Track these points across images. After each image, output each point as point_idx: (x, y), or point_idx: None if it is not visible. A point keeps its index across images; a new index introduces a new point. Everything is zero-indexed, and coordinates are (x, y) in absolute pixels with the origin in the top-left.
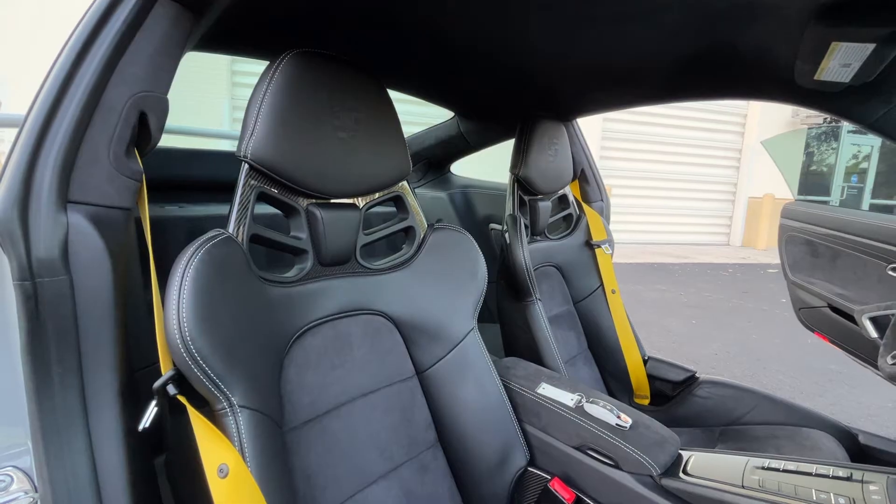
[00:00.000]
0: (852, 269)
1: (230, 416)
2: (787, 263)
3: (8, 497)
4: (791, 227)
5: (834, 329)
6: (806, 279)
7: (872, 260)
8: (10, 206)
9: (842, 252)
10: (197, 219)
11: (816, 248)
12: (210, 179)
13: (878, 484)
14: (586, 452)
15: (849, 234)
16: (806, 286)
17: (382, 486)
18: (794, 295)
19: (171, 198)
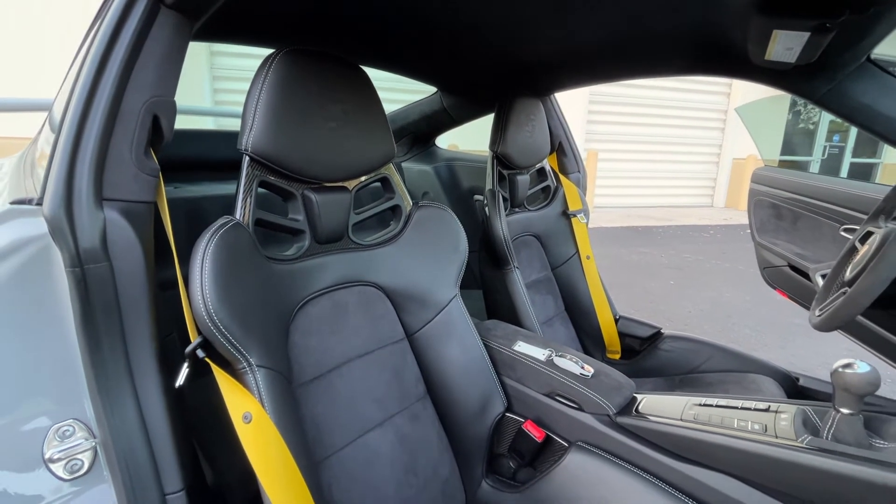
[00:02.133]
0: (810, 230)
1: (249, 374)
2: (755, 226)
3: (73, 443)
4: (759, 192)
5: (792, 286)
6: (770, 241)
7: (827, 222)
8: (57, 206)
9: (802, 214)
10: (194, 199)
11: (780, 211)
12: (201, 159)
13: (788, 413)
14: (555, 398)
15: (808, 198)
16: (770, 247)
17: (379, 431)
18: (760, 255)
19: (164, 179)
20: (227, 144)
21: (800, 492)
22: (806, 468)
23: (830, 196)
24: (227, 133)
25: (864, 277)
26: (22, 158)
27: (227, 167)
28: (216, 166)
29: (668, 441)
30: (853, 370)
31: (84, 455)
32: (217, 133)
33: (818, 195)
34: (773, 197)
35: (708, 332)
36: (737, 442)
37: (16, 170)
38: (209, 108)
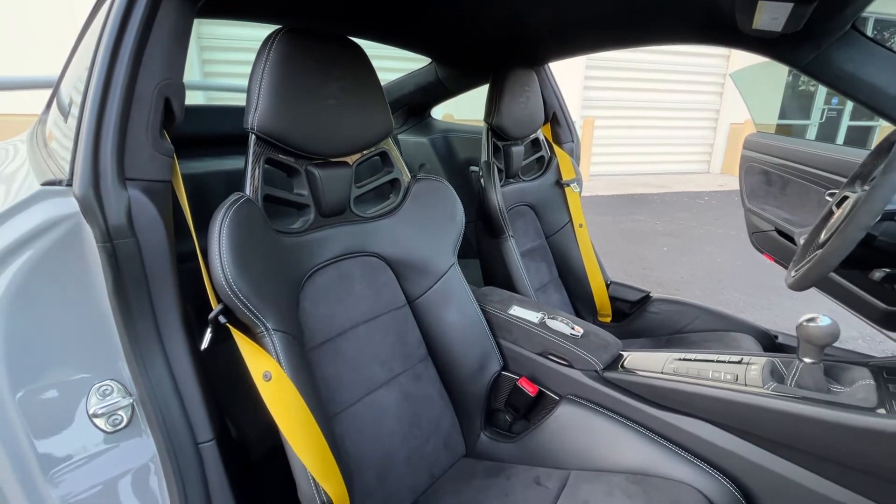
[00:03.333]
0: (798, 195)
1: (267, 337)
2: (745, 192)
3: (112, 400)
4: (750, 158)
5: (778, 250)
6: (760, 206)
7: (814, 187)
8: (86, 187)
9: (791, 180)
10: (197, 176)
11: (770, 177)
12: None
13: (757, 364)
14: (547, 357)
15: (797, 163)
16: (759, 212)
17: (385, 390)
18: (749, 221)
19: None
20: (224, 119)
21: (764, 432)
22: (770, 411)
23: (818, 162)
24: (224, 108)
25: (833, 240)
26: (32, 140)
27: (226, 142)
28: (214, 142)
29: (649, 392)
30: (816, 324)
31: (123, 411)
32: (214, 108)
33: (807, 161)
34: (763, 163)
35: (698, 296)
36: (710, 390)
37: (31, 152)
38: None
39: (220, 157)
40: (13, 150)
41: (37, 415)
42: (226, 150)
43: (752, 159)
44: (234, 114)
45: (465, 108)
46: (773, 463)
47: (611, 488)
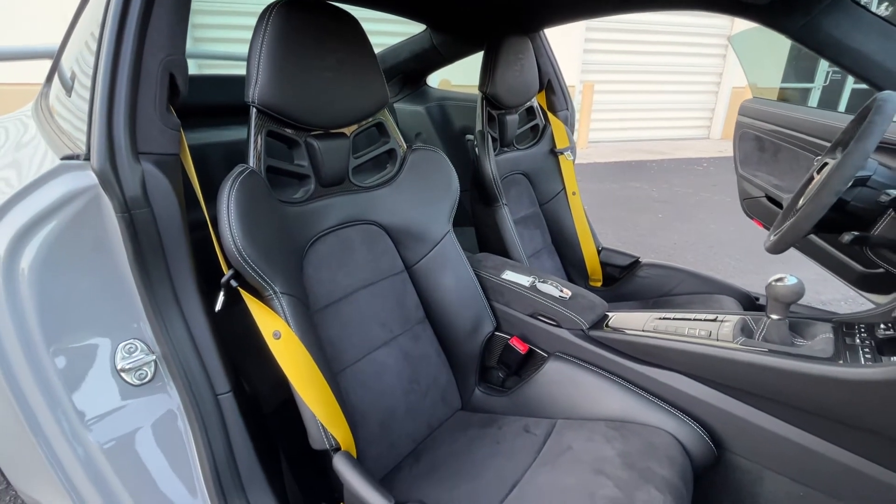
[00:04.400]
0: (788, 161)
1: (275, 300)
2: (739, 159)
3: (137, 357)
4: (744, 124)
5: (767, 216)
6: (752, 172)
7: (804, 153)
8: (103, 161)
9: (782, 146)
10: (198, 147)
11: (763, 144)
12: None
13: (730, 322)
14: (537, 318)
15: (790, 130)
16: (750, 179)
17: (386, 349)
18: (741, 187)
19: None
20: (220, 90)
21: (732, 381)
22: (737, 363)
23: (809, 128)
24: (219, 78)
25: (807, 205)
26: (39, 114)
27: (222, 112)
28: (210, 112)
29: (630, 348)
30: (783, 283)
31: (147, 367)
32: (208, 78)
33: (798, 127)
34: (757, 129)
35: (689, 261)
36: (685, 345)
37: (41, 127)
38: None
39: (217, 127)
40: (22, 125)
41: (70, 370)
42: (223, 121)
43: (747, 125)
44: (229, 83)
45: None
46: (738, 409)
47: (592, 434)
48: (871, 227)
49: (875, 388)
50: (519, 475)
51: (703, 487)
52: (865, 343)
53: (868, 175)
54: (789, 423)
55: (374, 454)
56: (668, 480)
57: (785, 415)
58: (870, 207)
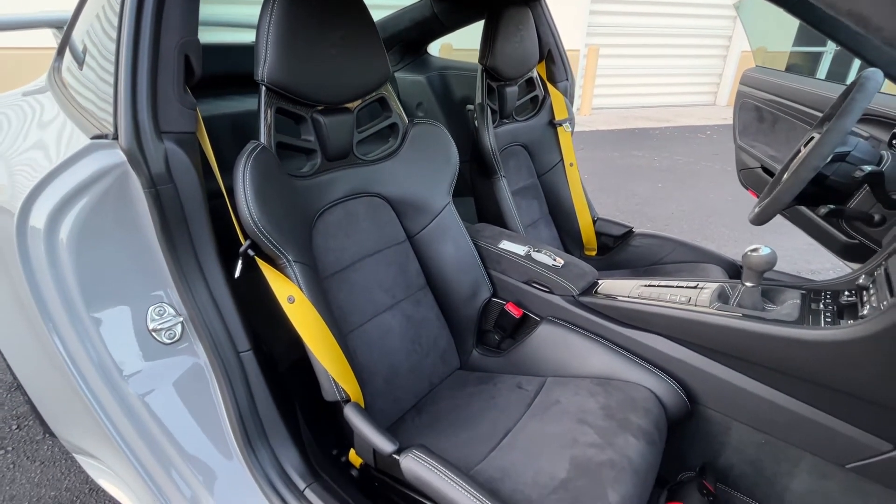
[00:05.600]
0: (785, 132)
1: (289, 268)
2: (738, 129)
3: (167, 318)
4: (745, 94)
5: (762, 187)
6: (750, 143)
7: (801, 124)
8: (131, 141)
9: (780, 117)
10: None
11: (762, 114)
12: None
13: (709, 289)
14: (531, 285)
15: (787, 100)
16: (748, 149)
17: (390, 313)
18: (738, 157)
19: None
20: (222, 59)
21: (707, 342)
22: (712, 325)
23: (807, 99)
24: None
25: (787, 179)
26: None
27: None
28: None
29: (617, 313)
30: (757, 253)
31: (175, 327)
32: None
33: (798, 98)
34: (757, 99)
35: (685, 230)
36: (666, 310)
37: (62, 105)
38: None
39: (220, 98)
40: (37, 103)
41: (108, 330)
42: (226, 92)
43: (747, 95)
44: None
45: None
46: (711, 367)
47: (578, 389)
48: (847, 201)
49: (829, 347)
50: (511, 425)
51: (679, 436)
52: (828, 308)
53: (847, 151)
54: (755, 378)
55: (379, 407)
56: (644, 429)
57: (752, 372)
58: (847, 182)
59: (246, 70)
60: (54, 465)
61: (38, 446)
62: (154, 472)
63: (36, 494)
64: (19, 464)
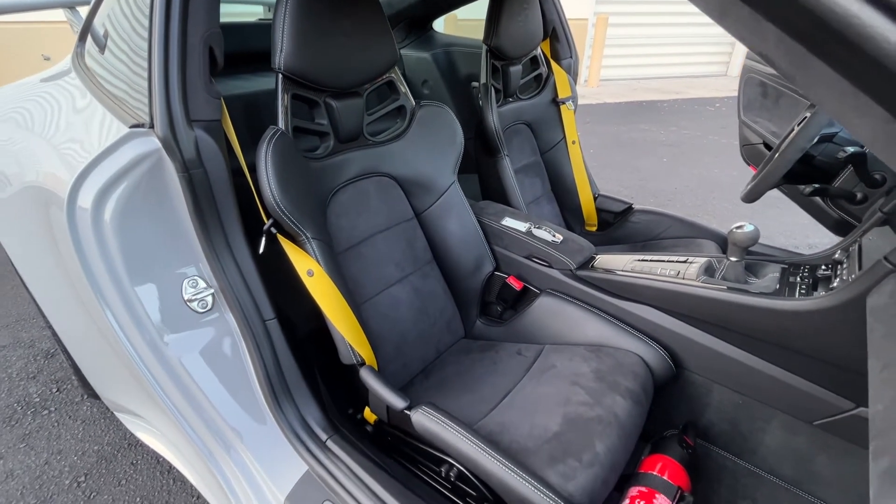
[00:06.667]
0: (788, 109)
1: (308, 244)
2: (742, 104)
3: (199, 290)
4: (751, 69)
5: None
6: (753, 119)
7: (804, 101)
8: (165, 129)
9: (784, 93)
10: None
11: (767, 90)
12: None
13: (697, 263)
14: (532, 259)
15: None
16: (751, 125)
17: (399, 286)
18: (742, 133)
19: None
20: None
21: (693, 312)
22: (697, 297)
23: None
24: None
25: (776, 159)
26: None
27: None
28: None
29: (611, 285)
30: (741, 230)
31: (207, 298)
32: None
33: None
34: (762, 74)
35: (688, 206)
36: (656, 283)
37: (92, 92)
38: None
39: (229, 77)
40: (66, 91)
41: (148, 299)
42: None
43: (753, 70)
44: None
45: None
46: (695, 335)
47: (573, 355)
48: (833, 180)
49: (801, 316)
50: (511, 387)
51: (665, 397)
52: (804, 281)
53: (835, 132)
54: (735, 345)
55: (390, 371)
56: (631, 390)
57: (732, 339)
58: (832, 162)
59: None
60: (94, 423)
61: (77, 407)
62: (195, 425)
63: (80, 448)
64: (62, 422)
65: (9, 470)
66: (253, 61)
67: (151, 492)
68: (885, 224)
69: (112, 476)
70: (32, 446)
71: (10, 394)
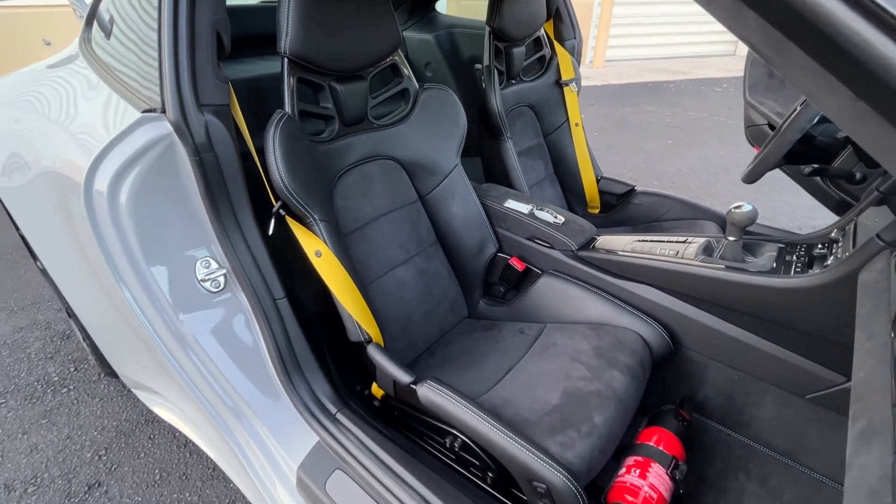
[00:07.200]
0: (794, 90)
1: (315, 225)
2: (748, 84)
3: (212, 270)
4: None
5: None
6: (759, 99)
7: None
8: (177, 114)
9: None
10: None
11: (772, 70)
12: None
13: (696, 243)
14: (534, 241)
15: None
16: (756, 106)
17: (404, 267)
18: (747, 114)
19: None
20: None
21: (690, 291)
22: (695, 276)
23: None
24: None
25: (776, 139)
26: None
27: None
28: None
29: (611, 265)
30: (739, 210)
31: (220, 278)
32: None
33: None
34: None
35: (692, 189)
36: (655, 262)
37: (101, 78)
38: None
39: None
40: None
41: (164, 279)
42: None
43: None
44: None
45: None
46: (693, 313)
47: (574, 333)
48: (833, 160)
49: (796, 293)
50: (513, 364)
51: (663, 374)
52: (800, 259)
53: None
54: (732, 322)
55: (396, 350)
56: (629, 366)
57: (729, 316)
58: (832, 142)
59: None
60: (112, 400)
61: (95, 385)
62: (211, 399)
63: (100, 424)
64: (81, 400)
65: (33, 444)
66: (256, 45)
67: (169, 464)
68: (881, 203)
69: (131, 450)
70: (54, 422)
71: (30, 373)
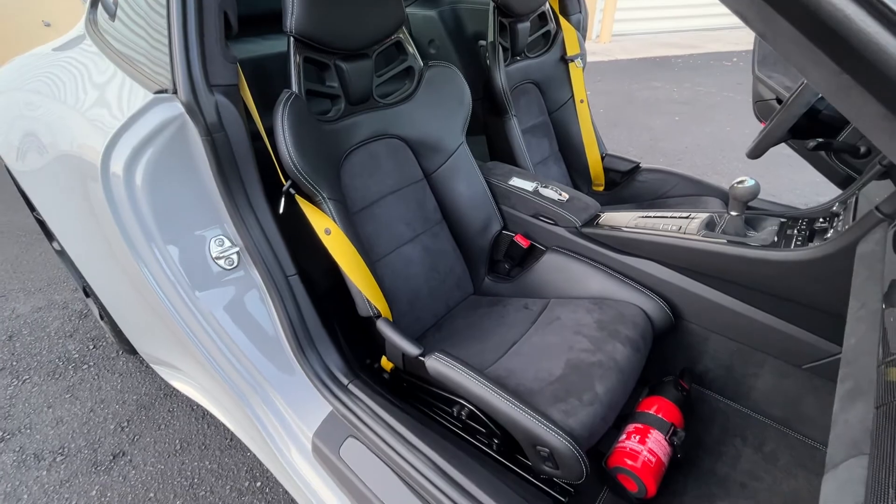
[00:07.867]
0: None
1: (324, 204)
2: (757, 59)
3: (225, 248)
4: None
5: None
6: (768, 74)
7: None
8: (189, 94)
9: None
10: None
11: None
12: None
13: (699, 218)
14: (538, 218)
15: None
16: (765, 80)
17: (411, 245)
18: (755, 89)
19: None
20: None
21: (692, 265)
22: (697, 250)
23: None
24: None
25: (781, 114)
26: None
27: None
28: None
29: (615, 241)
30: (742, 185)
31: (233, 255)
32: None
33: None
34: None
35: (698, 166)
36: (658, 238)
37: (112, 60)
38: None
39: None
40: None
41: (180, 256)
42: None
43: None
44: None
45: None
46: (694, 286)
47: (577, 308)
48: (838, 135)
49: (795, 266)
50: (517, 338)
51: (664, 346)
52: (801, 233)
53: None
54: (732, 296)
55: (404, 324)
56: (631, 338)
57: (730, 290)
58: (837, 116)
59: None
60: (131, 376)
61: (114, 362)
62: (228, 371)
63: (121, 398)
64: (102, 375)
65: (58, 417)
66: (259, 24)
67: (189, 435)
68: (884, 177)
69: (152, 422)
70: (77, 396)
71: (51, 350)
